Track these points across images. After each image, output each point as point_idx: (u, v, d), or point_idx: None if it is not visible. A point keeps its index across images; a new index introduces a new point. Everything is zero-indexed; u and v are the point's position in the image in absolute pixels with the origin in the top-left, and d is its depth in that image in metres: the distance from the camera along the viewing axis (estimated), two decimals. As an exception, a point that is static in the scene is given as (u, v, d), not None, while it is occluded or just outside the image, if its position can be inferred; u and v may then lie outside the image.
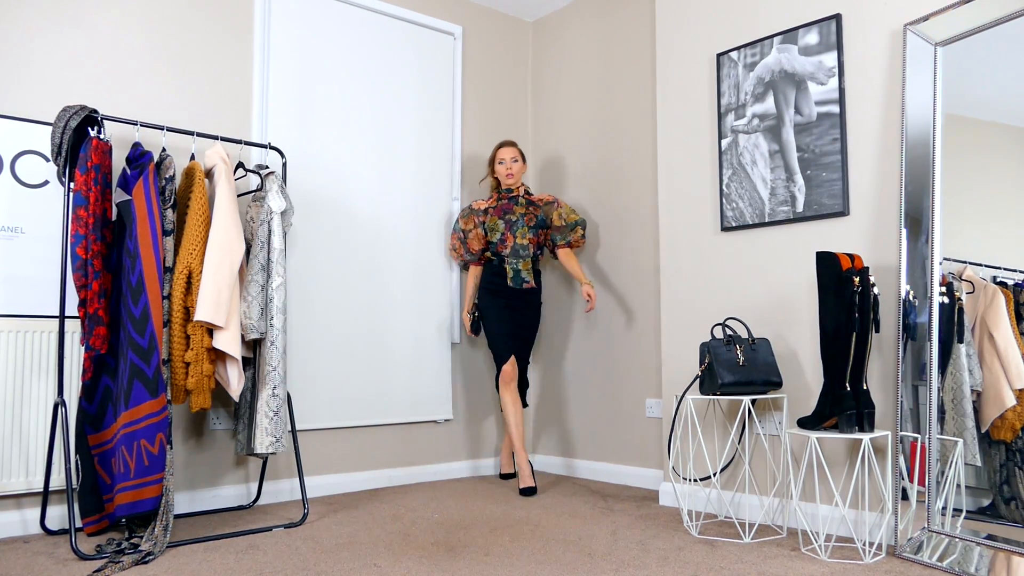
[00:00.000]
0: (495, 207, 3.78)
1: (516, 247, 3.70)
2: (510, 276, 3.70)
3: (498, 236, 3.72)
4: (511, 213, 3.74)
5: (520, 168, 3.77)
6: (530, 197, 3.82)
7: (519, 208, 3.75)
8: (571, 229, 3.77)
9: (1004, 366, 2.36)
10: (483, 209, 3.79)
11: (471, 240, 3.78)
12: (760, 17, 3.09)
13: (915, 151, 2.58)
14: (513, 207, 3.76)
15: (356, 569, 2.32)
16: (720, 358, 2.77)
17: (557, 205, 3.80)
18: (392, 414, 3.79)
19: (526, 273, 3.72)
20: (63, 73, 2.97)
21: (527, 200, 3.79)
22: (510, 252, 3.70)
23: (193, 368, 2.72)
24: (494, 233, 3.74)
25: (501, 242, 3.72)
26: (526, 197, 3.80)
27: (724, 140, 3.17)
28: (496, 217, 3.75)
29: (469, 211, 3.81)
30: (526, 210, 3.76)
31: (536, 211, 3.77)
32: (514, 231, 3.71)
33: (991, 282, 2.41)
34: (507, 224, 3.72)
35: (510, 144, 3.80)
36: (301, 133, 3.57)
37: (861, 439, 2.45)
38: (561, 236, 3.78)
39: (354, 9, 3.80)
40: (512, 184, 3.76)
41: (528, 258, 3.73)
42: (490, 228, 3.75)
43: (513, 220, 3.72)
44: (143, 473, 2.54)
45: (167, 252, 2.76)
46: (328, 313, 3.60)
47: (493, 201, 3.81)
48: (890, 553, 2.45)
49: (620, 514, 3.07)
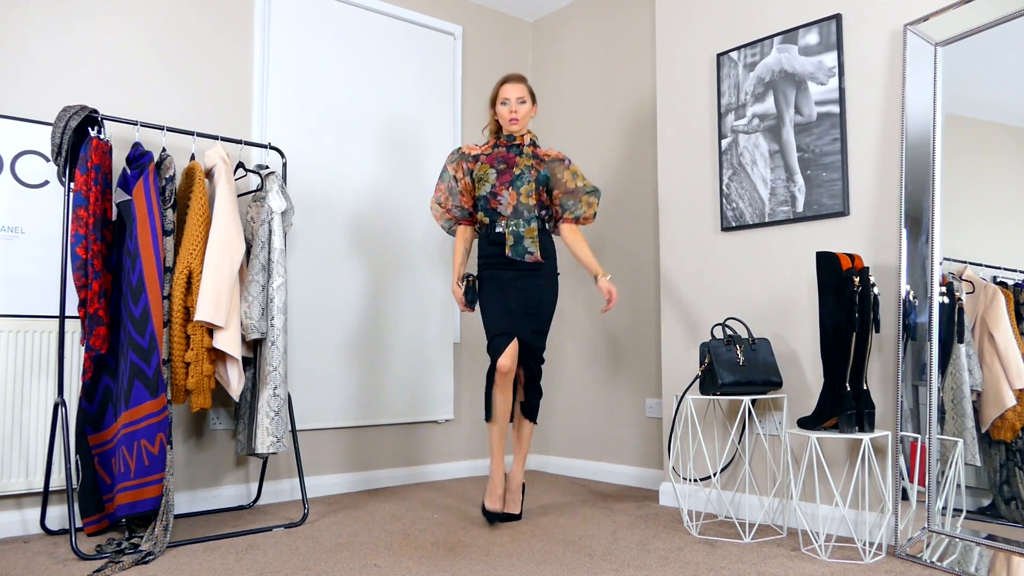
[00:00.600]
0: (489, 154, 3.05)
1: (519, 208, 2.96)
2: (510, 244, 2.95)
3: (487, 189, 2.99)
4: (510, 165, 3.00)
5: (528, 111, 3.04)
6: (537, 150, 3.08)
7: (523, 160, 3.01)
8: (583, 197, 3.06)
9: (1004, 366, 2.36)
10: (474, 155, 3.08)
11: (461, 192, 3.08)
12: (760, 17, 3.08)
13: (915, 151, 2.58)
14: (515, 158, 3.02)
15: (356, 569, 2.32)
16: (720, 358, 2.77)
17: (568, 163, 3.07)
18: (392, 414, 3.79)
19: (530, 242, 2.96)
20: (63, 73, 2.97)
21: (533, 152, 3.05)
22: (511, 214, 2.96)
23: (193, 368, 2.72)
24: (482, 185, 3.00)
25: (493, 197, 2.98)
26: (532, 149, 3.07)
27: (724, 140, 3.17)
28: (488, 165, 3.01)
29: (458, 155, 3.10)
30: (531, 163, 3.02)
31: (539, 166, 3.03)
32: (516, 186, 2.96)
33: (991, 282, 2.41)
34: (501, 176, 2.98)
35: (517, 79, 3.05)
36: (301, 133, 3.57)
37: (861, 439, 2.45)
38: (569, 205, 3.06)
39: (354, 9, 3.80)
40: (517, 130, 3.03)
41: (533, 221, 2.97)
42: (479, 178, 3.02)
43: (516, 175, 2.98)
44: (143, 473, 2.54)
45: (167, 252, 2.76)
46: (328, 313, 3.60)
47: (488, 147, 3.09)
48: (890, 553, 2.45)
49: (620, 514, 3.07)
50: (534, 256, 2.97)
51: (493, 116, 3.11)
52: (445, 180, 3.10)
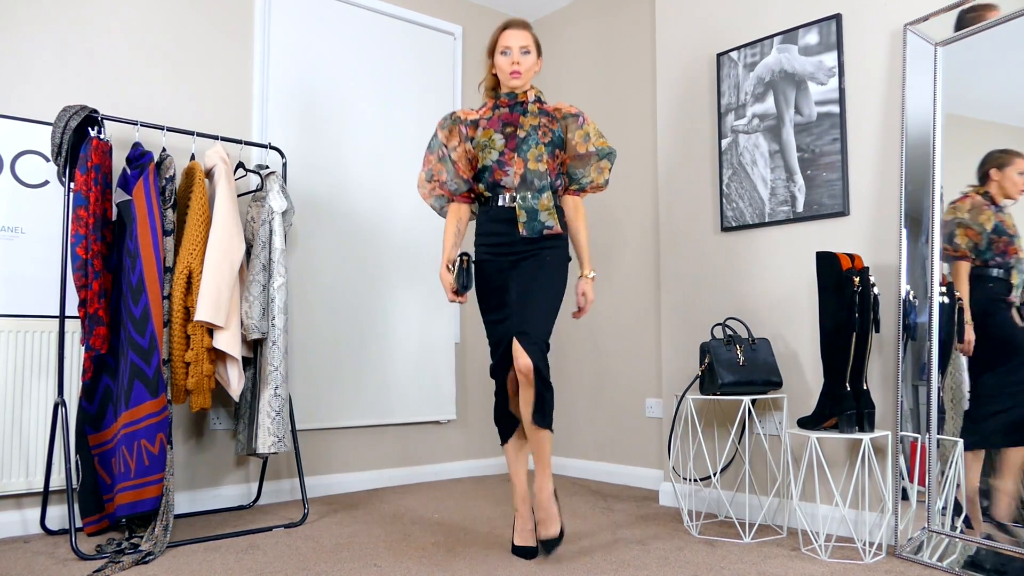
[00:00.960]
0: (490, 117, 2.58)
1: (529, 176, 2.49)
2: (522, 220, 2.48)
3: (494, 157, 2.52)
4: (516, 126, 2.54)
5: (533, 64, 2.57)
6: (544, 105, 2.60)
7: (529, 119, 2.54)
8: (595, 163, 2.60)
9: (1004, 366, 2.36)
10: (471, 120, 2.60)
11: (456, 162, 2.59)
12: (760, 17, 3.09)
13: (915, 151, 2.57)
14: (519, 118, 2.55)
15: (356, 569, 2.32)
16: (720, 358, 2.77)
17: (583, 121, 2.58)
18: (394, 414, 3.79)
19: (546, 214, 2.48)
20: (63, 73, 2.97)
21: (540, 109, 2.58)
22: (519, 184, 2.49)
23: (193, 368, 2.72)
24: (488, 153, 2.53)
25: (500, 167, 2.51)
26: (538, 105, 2.59)
27: (724, 140, 3.17)
28: (492, 130, 2.55)
29: (451, 120, 2.61)
30: (538, 122, 2.55)
31: (552, 124, 2.55)
32: (523, 152, 2.49)
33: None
34: (509, 141, 2.52)
35: (520, 25, 2.59)
36: (301, 133, 3.57)
37: (861, 439, 2.45)
38: (577, 174, 2.61)
39: (354, 9, 3.80)
40: (519, 86, 2.56)
41: (547, 190, 2.50)
42: (482, 145, 2.55)
43: (522, 137, 2.50)
44: (143, 473, 2.54)
45: (167, 252, 2.76)
46: (329, 313, 3.60)
47: (487, 110, 2.61)
48: (890, 553, 2.45)
49: (620, 514, 3.07)
50: (554, 228, 2.50)
51: (491, 69, 2.62)
52: (435, 150, 2.63)
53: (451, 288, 2.52)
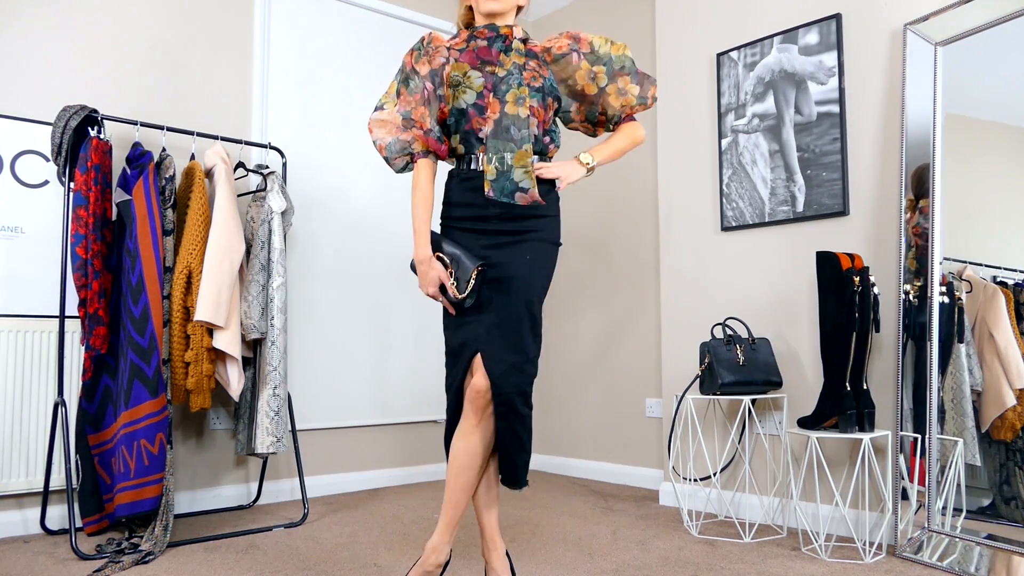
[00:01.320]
0: (464, 49, 2.02)
1: (503, 122, 1.94)
2: (490, 179, 1.92)
3: (470, 100, 1.97)
4: (494, 64, 1.99)
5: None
6: (531, 46, 2.06)
7: (510, 58, 1.99)
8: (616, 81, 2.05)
9: (1004, 366, 2.36)
10: (444, 47, 2.04)
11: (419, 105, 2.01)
12: (760, 17, 3.09)
13: (915, 151, 2.57)
14: (498, 55, 2.00)
15: (356, 569, 2.32)
16: (720, 358, 2.77)
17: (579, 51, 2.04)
18: (392, 414, 3.79)
19: (522, 172, 1.92)
20: (63, 73, 2.97)
21: (527, 49, 2.04)
22: (492, 132, 1.94)
23: (193, 368, 2.72)
24: (462, 92, 1.98)
25: (478, 112, 1.97)
26: (524, 43, 2.05)
27: (724, 140, 3.17)
28: (466, 64, 2.00)
29: (420, 47, 2.04)
30: (524, 62, 2.00)
31: (542, 70, 2.02)
32: (501, 93, 1.94)
33: (991, 282, 2.41)
34: (487, 80, 1.97)
35: None
36: (301, 133, 3.57)
37: (861, 439, 2.45)
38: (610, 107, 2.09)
39: (354, 8, 3.80)
40: (497, 8, 2.01)
41: (526, 144, 1.94)
42: (454, 81, 1.99)
43: (501, 76, 1.96)
44: (143, 473, 2.54)
45: (167, 252, 2.76)
46: (328, 313, 3.60)
47: (461, 40, 2.05)
48: (890, 553, 2.45)
49: (620, 514, 3.07)
50: (529, 194, 1.92)
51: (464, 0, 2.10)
52: (415, 90, 2.02)
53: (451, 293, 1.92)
